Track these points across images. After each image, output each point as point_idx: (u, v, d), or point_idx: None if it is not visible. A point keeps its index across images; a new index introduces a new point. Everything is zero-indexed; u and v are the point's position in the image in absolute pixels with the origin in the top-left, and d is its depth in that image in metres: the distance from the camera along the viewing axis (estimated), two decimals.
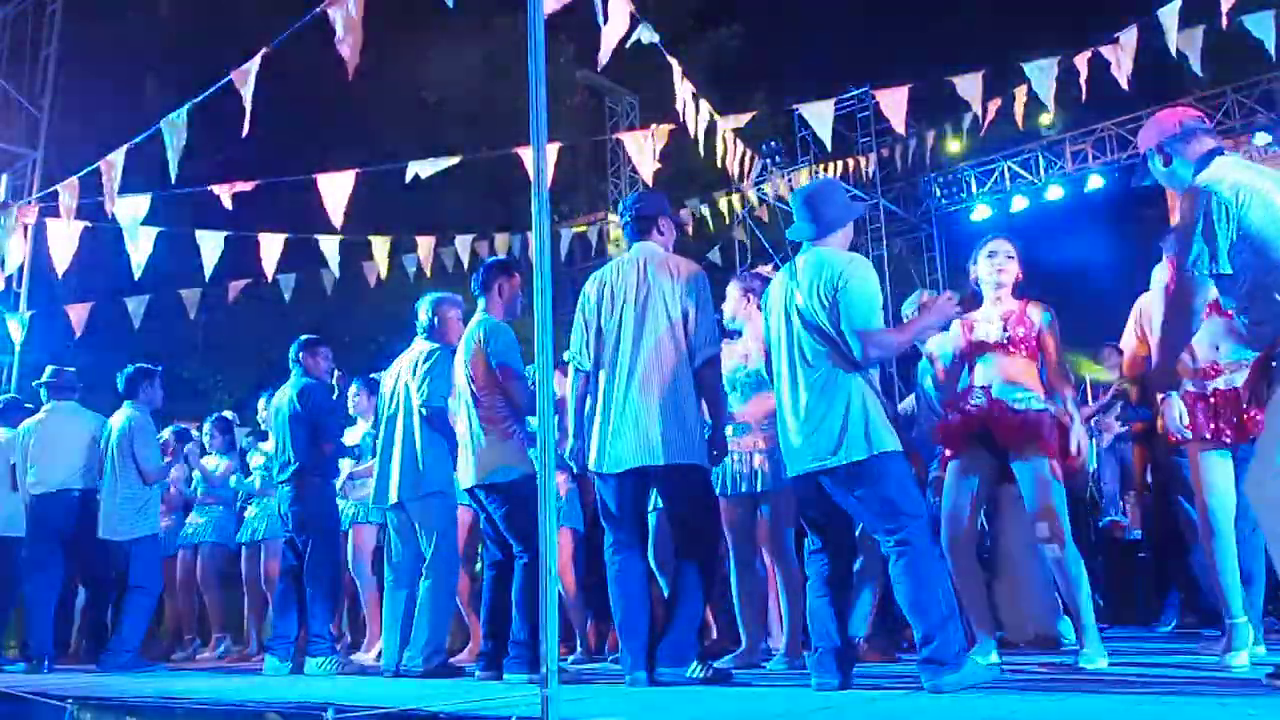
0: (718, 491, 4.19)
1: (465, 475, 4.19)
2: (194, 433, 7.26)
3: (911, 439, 4.44)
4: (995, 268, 3.91)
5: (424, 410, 4.47)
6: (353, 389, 6.24)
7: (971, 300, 4.06)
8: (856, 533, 3.44)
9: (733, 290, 4.54)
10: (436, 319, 4.69)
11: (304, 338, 5.47)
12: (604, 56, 5.28)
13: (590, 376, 3.67)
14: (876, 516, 3.03)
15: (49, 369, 6.24)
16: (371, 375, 6.10)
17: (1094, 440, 7.33)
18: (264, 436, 6.85)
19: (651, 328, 3.53)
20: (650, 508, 4.22)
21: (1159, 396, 4.04)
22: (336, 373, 5.89)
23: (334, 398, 5.69)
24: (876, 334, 3.08)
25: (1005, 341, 3.79)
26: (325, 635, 4.99)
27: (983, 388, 3.79)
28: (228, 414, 7.45)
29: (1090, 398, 6.70)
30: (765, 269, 5.12)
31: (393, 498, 4.55)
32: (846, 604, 3.18)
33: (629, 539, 3.56)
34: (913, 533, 2.95)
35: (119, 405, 6.02)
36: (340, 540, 5.32)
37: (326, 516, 5.17)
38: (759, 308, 4.45)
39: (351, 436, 6.14)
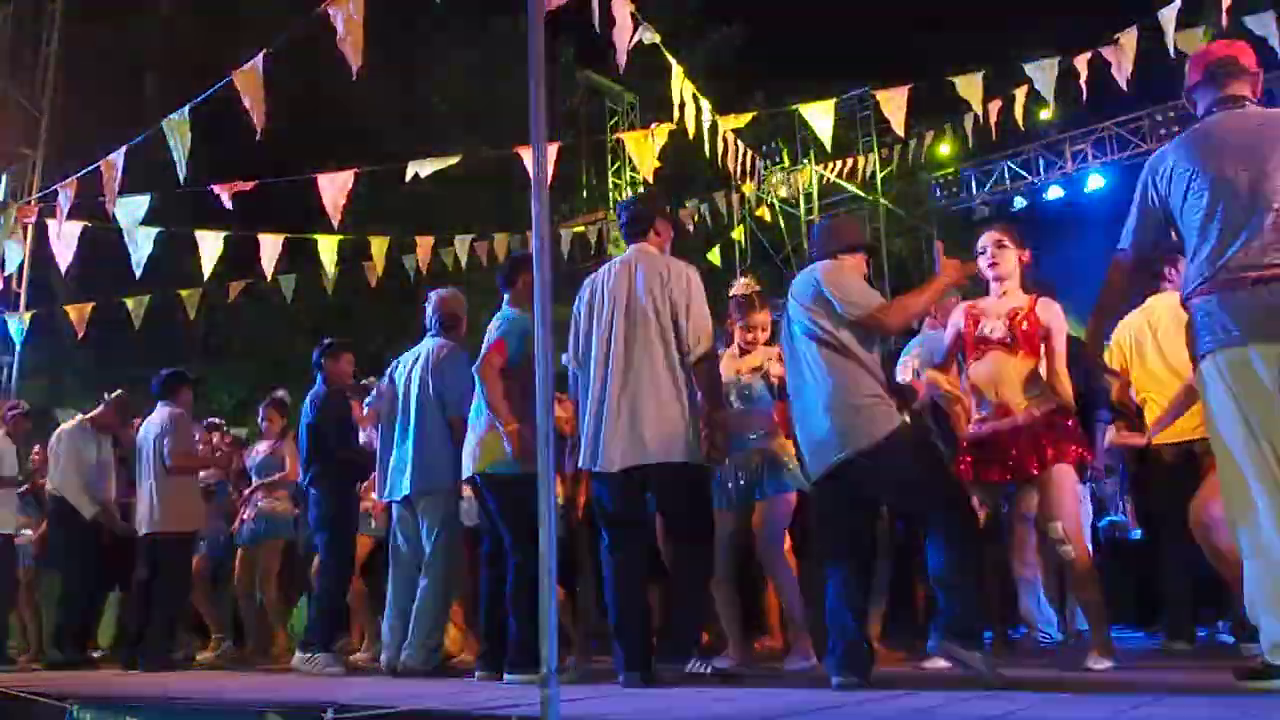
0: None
1: (469, 462, 4.15)
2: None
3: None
4: (988, 262, 3.88)
5: (447, 407, 4.46)
6: (262, 409, 6.50)
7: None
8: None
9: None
10: (445, 314, 4.71)
11: (326, 342, 5.48)
12: (621, 58, 5.29)
13: (579, 378, 3.68)
14: (900, 497, 3.22)
15: None
16: (363, 381, 6.08)
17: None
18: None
19: (641, 328, 3.54)
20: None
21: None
22: (371, 378, 5.90)
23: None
24: (892, 304, 3.25)
25: (1010, 340, 3.76)
26: (317, 634, 5.00)
27: (995, 405, 3.77)
28: (215, 419, 7.41)
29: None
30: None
31: (405, 491, 4.56)
32: (866, 604, 3.25)
33: (625, 538, 3.56)
34: (939, 509, 3.07)
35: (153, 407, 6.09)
36: (350, 545, 5.31)
37: (336, 521, 5.18)
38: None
39: None
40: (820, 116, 6.91)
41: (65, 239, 6.51)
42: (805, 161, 13.15)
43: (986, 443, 3.78)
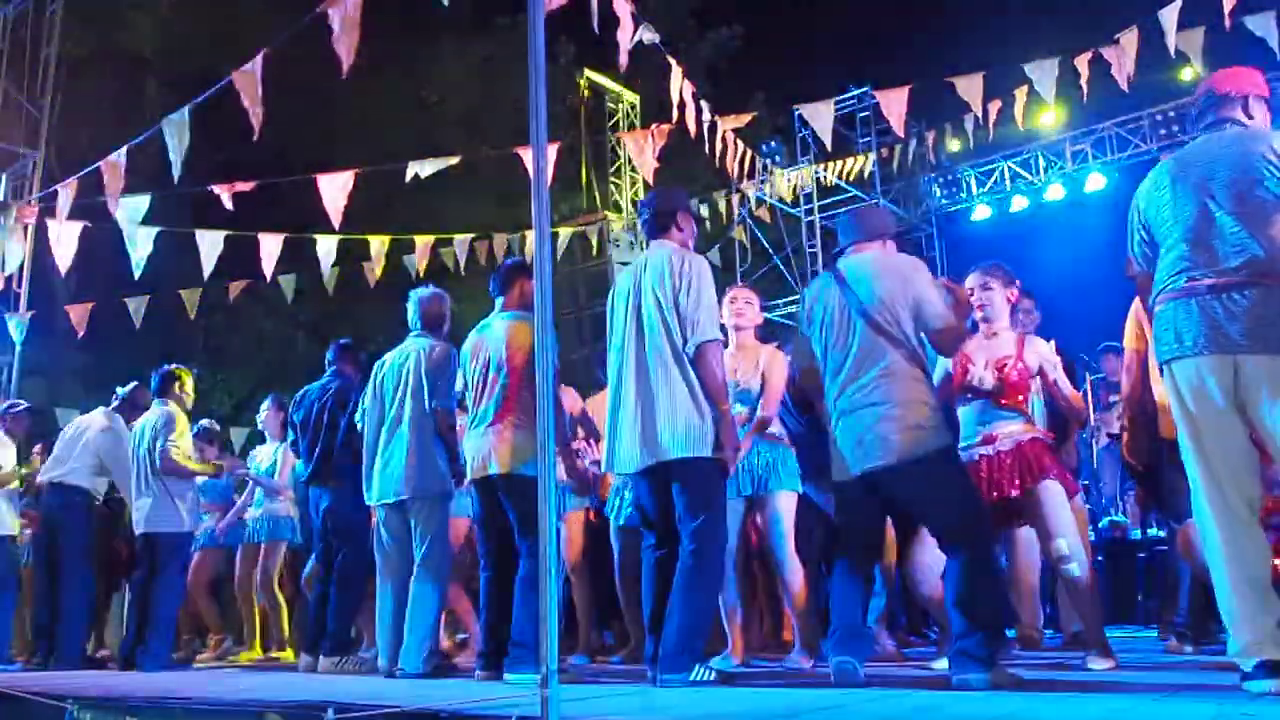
0: None
1: (487, 463, 4.06)
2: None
3: None
4: (977, 303, 3.90)
5: (438, 408, 4.41)
6: (264, 405, 6.56)
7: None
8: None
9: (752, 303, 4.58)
10: (428, 315, 4.69)
11: (341, 341, 5.46)
12: (621, 58, 5.30)
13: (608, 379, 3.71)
14: (933, 516, 3.18)
15: None
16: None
17: (1093, 440, 7.34)
18: (264, 439, 6.86)
19: (647, 325, 3.53)
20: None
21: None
22: None
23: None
24: (957, 331, 3.31)
25: (999, 391, 3.79)
26: (345, 636, 4.99)
27: (983, 455, 3.79)
28: (206, 422, 7.35)
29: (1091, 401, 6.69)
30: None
31: (398, 494, 4.47)
32: (867, 596, 3.27)
33: (662, 537, 3.55)
34: (964, 534, 3.04)
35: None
36: (368, 547, 5.29)
37: (358, 518, 5.15)
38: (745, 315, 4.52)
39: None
40: (820, 116, 6.91)
41: (65, 239, 6.51)
42: (805, 161, 13.13)
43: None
